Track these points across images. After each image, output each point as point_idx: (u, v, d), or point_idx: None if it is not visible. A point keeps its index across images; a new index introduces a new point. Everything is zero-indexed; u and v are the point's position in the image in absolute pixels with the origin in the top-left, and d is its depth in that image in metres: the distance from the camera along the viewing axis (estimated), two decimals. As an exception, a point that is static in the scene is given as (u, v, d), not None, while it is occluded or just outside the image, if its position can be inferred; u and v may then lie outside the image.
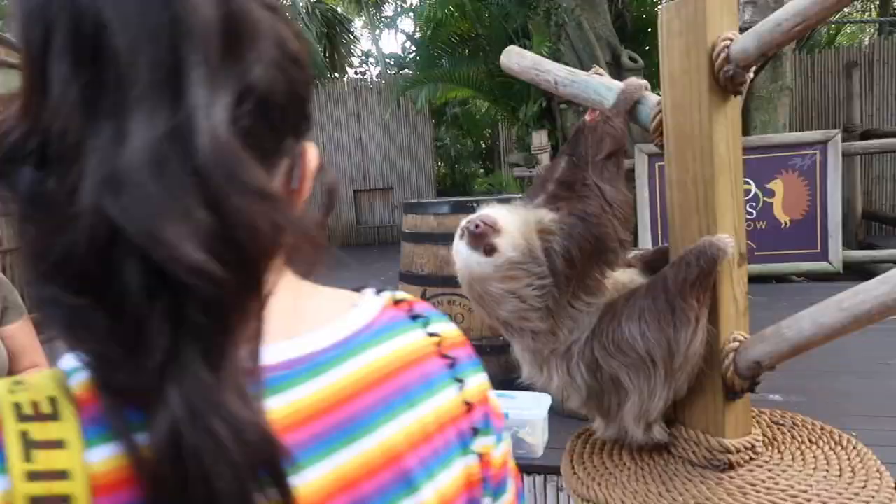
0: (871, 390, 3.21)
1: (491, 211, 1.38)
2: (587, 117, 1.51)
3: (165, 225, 0.36)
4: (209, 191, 0.38)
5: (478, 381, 0.59)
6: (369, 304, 0.58)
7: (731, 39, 1.31)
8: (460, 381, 0.57)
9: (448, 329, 0.60)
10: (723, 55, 1.30)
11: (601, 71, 1.61)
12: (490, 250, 1.33)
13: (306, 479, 0.45)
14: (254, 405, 0.40)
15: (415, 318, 0.59)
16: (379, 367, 0.52)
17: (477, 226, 1.33)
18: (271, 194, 0.42)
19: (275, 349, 0.48)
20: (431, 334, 0.58)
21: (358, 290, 0.61)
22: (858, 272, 6.01)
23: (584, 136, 1.47)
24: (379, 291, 0.61)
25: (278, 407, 0.46)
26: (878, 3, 13.08)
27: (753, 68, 1.34)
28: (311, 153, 0.54)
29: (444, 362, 0.57)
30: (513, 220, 1.37)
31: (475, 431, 0.56)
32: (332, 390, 0.49)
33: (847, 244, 5.93)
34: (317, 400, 0.48)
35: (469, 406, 0.56)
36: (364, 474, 0.48)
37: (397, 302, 0.60)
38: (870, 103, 8.96)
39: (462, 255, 1.38)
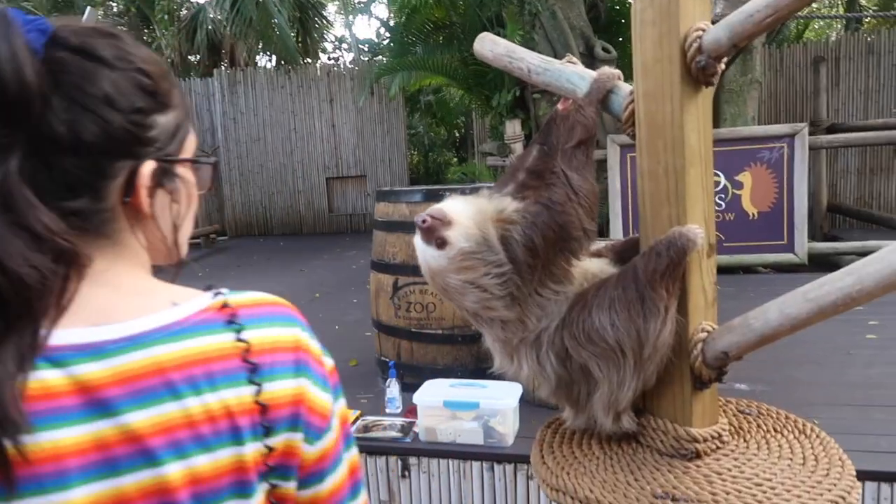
0: (833, 380, 3.28)
1: (442, 204, 1.39)
2: (560, 106, 1.50)
3: None
4: None
5: (288, 385, 0.66)
6: (190, 305, 0.66)
7: (704, 30, 1.31)
8: (257, 384, 0.64)
9: (267, 337, 0.66)
10: (695, 45, 1.30)
11: (574, 60, 1.60)
12: (441, 243, 1.34)
13: (42, 439, 0.56)
14: (5, 391, 0.53)
15: (231, 323, 0.65)
16: (158, 360, 0.61)
17: (424, 220, 1.34)
18: (37, 232, 0.57)
19: (74, 333, 0.60)
20: (240, 340, 0.64)
21: (208, 289, 0.69)
22: (823, 264, 6.13)
23: (556, 125, 1.47)
24: (216, 294, 0.68)
25: (55, 377, 0.58)
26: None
27: (725, 59, 1.34)
28: (145, 170, 0.66)
29: (243, 366, 0.64)
30: (466, 211, 1.37)
31: (268, 429, 0.64)
32: (107, 373, 0.59)
33: (812, 236, 6.06)
34: (92, 378, 0.58)
35: (263, 407, 0.64)
36: (105, 444, 0.58)
37: (224, 306, 0.67)
38: (836, 98, 9.13)
39: (419, 249, 1.39)
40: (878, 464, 2.35)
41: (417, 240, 1.39)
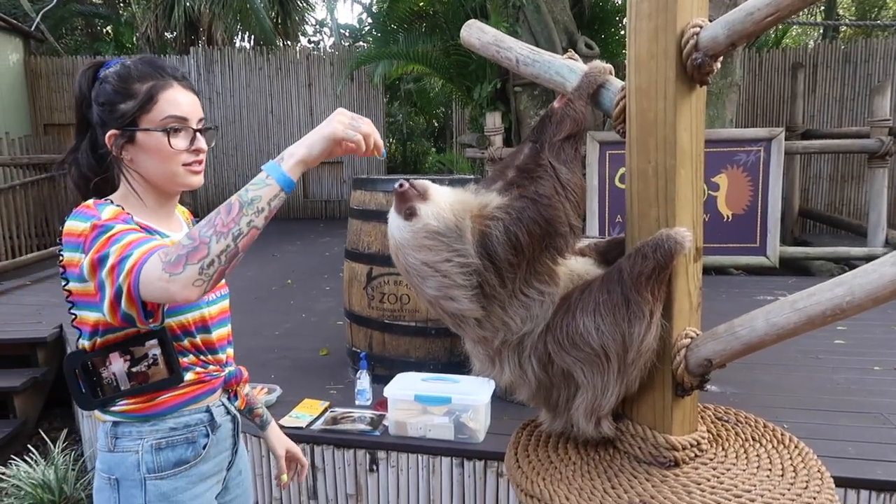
0: (802, 383, 3.31)
1: (427, 180, 1.35)
2: (556, 104, 1.45)
3: None
4: None
5: (74, 254, 1.21)
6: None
7: (701, 26, 1.26)
8: (61, 248, 1.25)
9: (66, 225, 1.23)
10: (692, 42, 1.25)
11: (576, 56, 1.54)
12: (410, 214, 1.29)
13: None
14: None
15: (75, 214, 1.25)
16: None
17: (401, 185, 1.29)
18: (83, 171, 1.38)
19: None
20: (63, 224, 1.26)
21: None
22: (793, 268, 6.22)
23: (550, 123, 1.42)
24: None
25: None
26: (822, 7, 13.48)
27: (721, 58, 1.30)
28: (108, 134, 1.30)
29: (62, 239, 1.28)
30: (446, 195, 1.32)
31: (64, 276, 1.28)
32: None
33: (783, 240, 6.11)
34: None
35: (62, 263, 1.26)
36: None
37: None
38: (812, 104, 9.24)
39: (389, 220, 1.34)
40: (846, 470, 2.36)
41: (391, 210, 1.35)
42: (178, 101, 1.30)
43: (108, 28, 15.54)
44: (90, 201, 1.24)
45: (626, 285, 1.28)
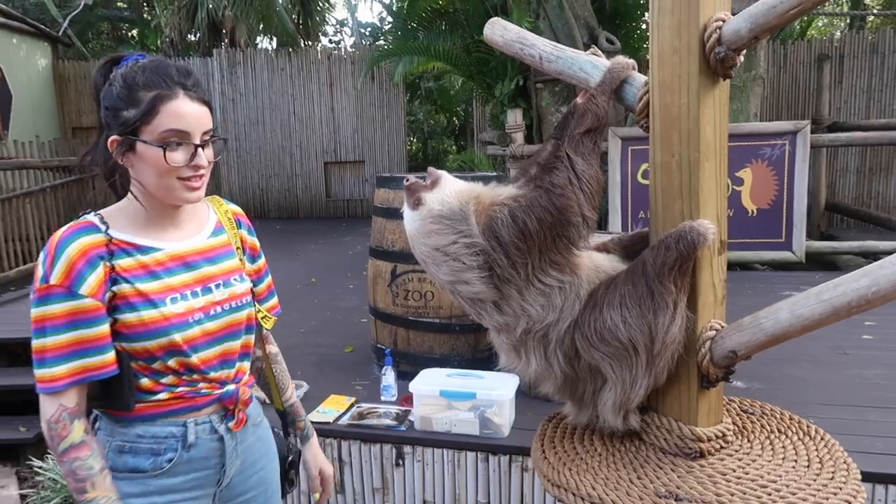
0: (830, 379, 3.28)
1: (444, 172, 1.43)
2: (579, 99, 1.47)
3: None
4: None
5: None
6: None
7: (724, 20, 1.27)
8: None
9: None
10: (715, 36, 1.26)
11: (599, 52, 1.56)
12: (416, 203, 1.37)
13: None
14: None
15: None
16: None
17: (407, 179, 1.39)
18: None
19: None
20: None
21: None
22: (819, 263, 6.13)
23: (573, 118, 1.44)
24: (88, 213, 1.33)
25: None
26: (850, -3, 13.25)
27: (744, 52, 1.31)
28: (110, 139, 1.27)
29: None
30: (455, 185, 1.39)
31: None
32: None
33: (809, 235, 6.03)
34: None
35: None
36: None
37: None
38: (838, 96, 9.09)
39: (403, 215, 1.43)
40: (874, 465, 2.34)
41: (404, 205, 1.44)
42: (182, 113, 1.24)
43: (134, 31, 15.79)
44: (62, 231, 1.23)
45: (650, 276, 1.29)
